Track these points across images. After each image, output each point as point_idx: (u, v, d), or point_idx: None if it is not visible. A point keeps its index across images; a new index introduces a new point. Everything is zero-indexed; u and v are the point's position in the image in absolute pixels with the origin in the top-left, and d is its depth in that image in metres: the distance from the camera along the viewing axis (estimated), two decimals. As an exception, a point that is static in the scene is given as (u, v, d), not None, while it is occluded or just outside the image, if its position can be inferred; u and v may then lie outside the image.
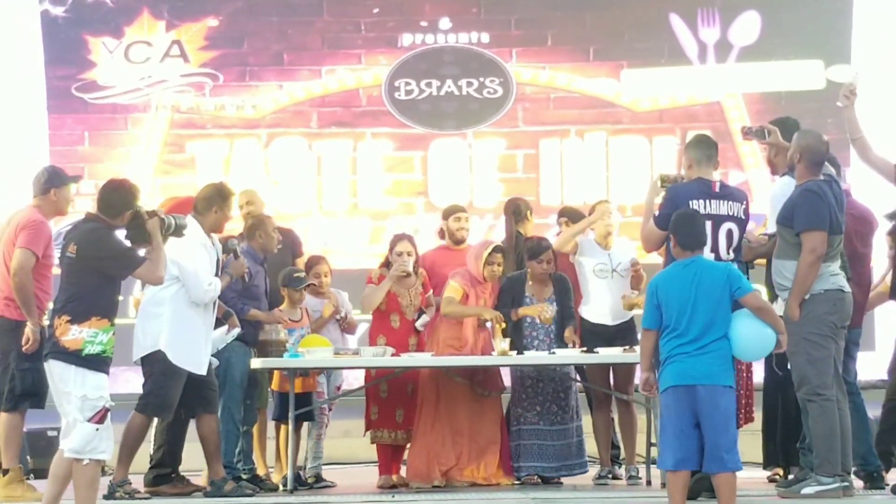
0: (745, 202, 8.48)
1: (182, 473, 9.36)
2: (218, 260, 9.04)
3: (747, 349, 7.76)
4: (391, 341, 9.79)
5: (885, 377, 9.63)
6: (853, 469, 8.57)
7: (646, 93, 13.35)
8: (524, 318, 9.85)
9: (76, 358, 7.48)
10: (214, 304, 8.96)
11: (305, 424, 10.02)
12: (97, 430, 7.46)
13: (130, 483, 8.84)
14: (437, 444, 9.69)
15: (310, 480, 9.95)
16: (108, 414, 7.50)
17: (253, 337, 9.54)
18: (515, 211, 10.57)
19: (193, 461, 9.44)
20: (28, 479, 9.50)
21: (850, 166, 12.03)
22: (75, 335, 7.48)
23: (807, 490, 8.06)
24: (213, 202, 9.03)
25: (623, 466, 9.96)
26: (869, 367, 10.02)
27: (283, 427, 10.01)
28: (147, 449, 9.34)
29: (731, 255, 8.33)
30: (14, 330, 8.93)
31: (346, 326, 10.38)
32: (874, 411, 9.50)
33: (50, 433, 11.68)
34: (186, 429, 9.31)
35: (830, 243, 8.09)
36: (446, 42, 13.48)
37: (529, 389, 9.85)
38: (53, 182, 9.15)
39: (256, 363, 9.40)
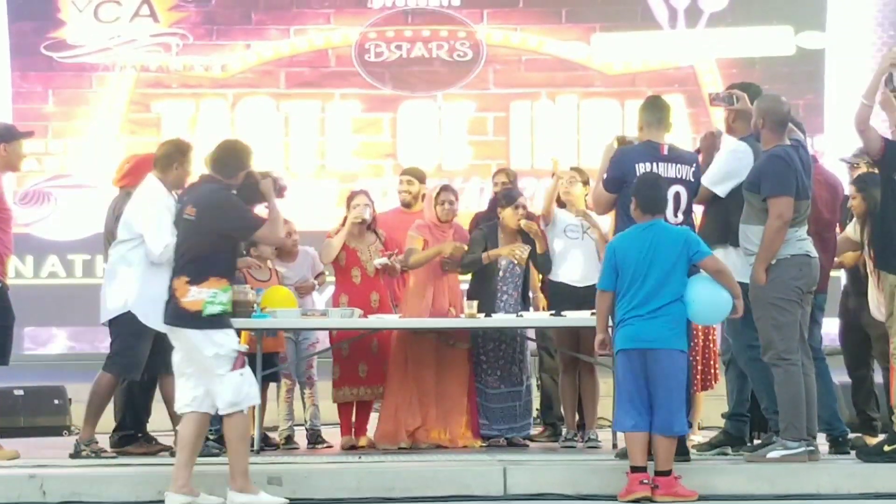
0: (694, 164, 8.45)
1: (152, 433, 9.38)
2: None
3: (703, 313, 7.84)
4: (353, 297, 9.81)
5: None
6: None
7: (617, 56, 13.34)
8: (494, 276, 9.84)
9: (198, 320, 7.49)
10: None
11: (272, 385, 10.05)
12: (241, 374, 7.51)
13: (97, 442, 8.82)
14: (404, 404, 9.71)
15: (279, 440, 9.97)
16: (245, 358, 7.55)
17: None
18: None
19: (164, 422, 9.45)
20: (-6, 437, 9.46)
21: (824, 132, 12.09)
22: (195, 296, 7.49)
23: (772, 454, 8.10)
24: (173, 159, 8.97)
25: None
26: (834, 332, 10.05)
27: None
28: (108, 409, 9.34)
29: (681, 219, 8.31)
30: (-23, 288, 8.86)
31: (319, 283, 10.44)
32: (839, 377, 9.55)
33: (16, 392, 11.67)
34: (154, 390, 9.31)
35: (797, 208, 8.11)
36: (417, 4, 13.43)
37: (491, 353, 9.87)
38: (4, 137, 9.04)
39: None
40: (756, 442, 8.86)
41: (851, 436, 9.04)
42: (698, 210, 8.69)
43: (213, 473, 7.96)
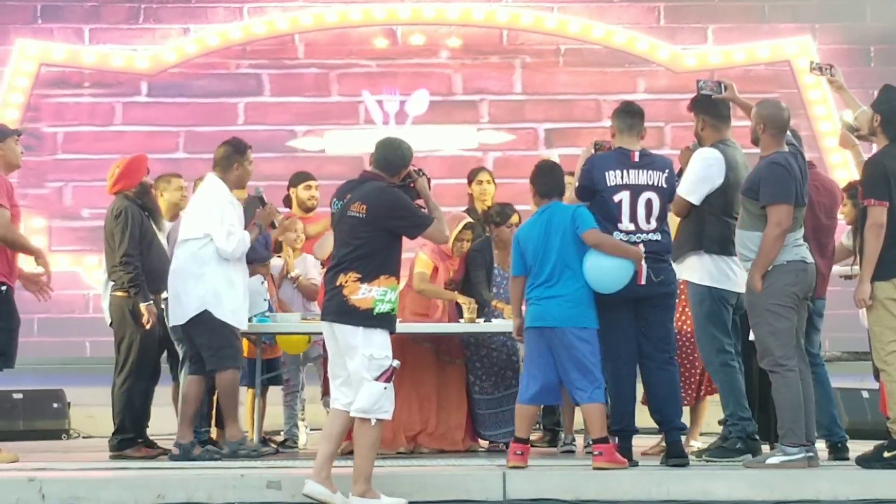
0: (667, 170, 8.48)
1: (151, 437, 9.44)
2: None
3: (601, 282, 8.11)
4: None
5: (850, 349, 9.70)
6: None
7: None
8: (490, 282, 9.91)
9: (366, 318, 7.44)
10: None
11: (273, 389, 10.07)
12: (385, 388, 7.45)
13: (251, 440, 9.14)
14: (402, 410, 9.69)
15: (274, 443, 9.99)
16: (394, 373, 7.49)
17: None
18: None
19: (163, 426, 9.48)
20: (-7, 440, 9.46)
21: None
22: (365, 294, 7.45)
23: (772, 460, 8.10)
24: (232, 160, 9.02)
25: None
26: (833, 336, 10.06)
27: (249, 392, 10.03)
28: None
29: (654, 225, 8.37)
30: (-19, 291, 8.86)
31: (307, 292, 10.35)
32: (838, 383, 9.54)
33: (15, 395, 11.67)
34: (153, 393, 9.33)
35: (794, 215, 8.12)
36: None
37: (485, 359, 9.88)
38: None
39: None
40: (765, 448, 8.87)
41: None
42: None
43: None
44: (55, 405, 12.00)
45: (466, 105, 13.07)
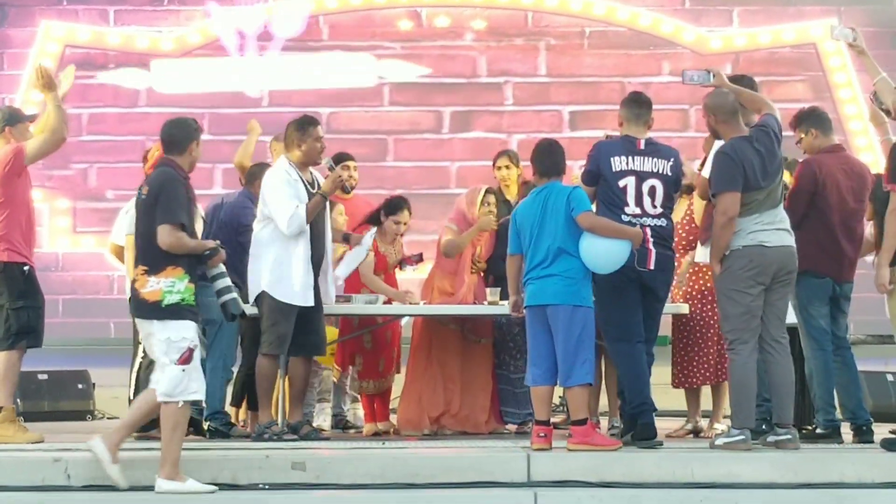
0: (672, 158, 8.55)
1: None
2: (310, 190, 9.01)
3: (596, 262, 8.15)
4: (376, 296, 9.80)
5: (875, 332, 9.66)
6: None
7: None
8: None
9: (156, 310, 7.39)
10: (324, 233, 9.04)
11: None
12: (184, 370, 7.41)
13: (277, 424, 9.05)
14: (428, 390, 9.72)
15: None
16: (194, 354, 7.43)
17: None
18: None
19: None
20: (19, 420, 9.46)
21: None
22: (153, 286, 7.39)
23: (718, 441, 8.26)
24: (292, 137, 9.02)
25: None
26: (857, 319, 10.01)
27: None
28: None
29: (659, 210, 8.45)
30: (3, 271, 8.87)
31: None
32: (862, 366, 9.52)
33: (40, 376, 11.71)
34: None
35: (749, 199, 8.14)
36: None
37: (518, 336, 9.87)
38: (9, 121, 9.04)
39: (250, 308, 9.38)
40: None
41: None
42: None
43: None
44: (80, 386, 12.04)
45: (491, 87, 13.07)
